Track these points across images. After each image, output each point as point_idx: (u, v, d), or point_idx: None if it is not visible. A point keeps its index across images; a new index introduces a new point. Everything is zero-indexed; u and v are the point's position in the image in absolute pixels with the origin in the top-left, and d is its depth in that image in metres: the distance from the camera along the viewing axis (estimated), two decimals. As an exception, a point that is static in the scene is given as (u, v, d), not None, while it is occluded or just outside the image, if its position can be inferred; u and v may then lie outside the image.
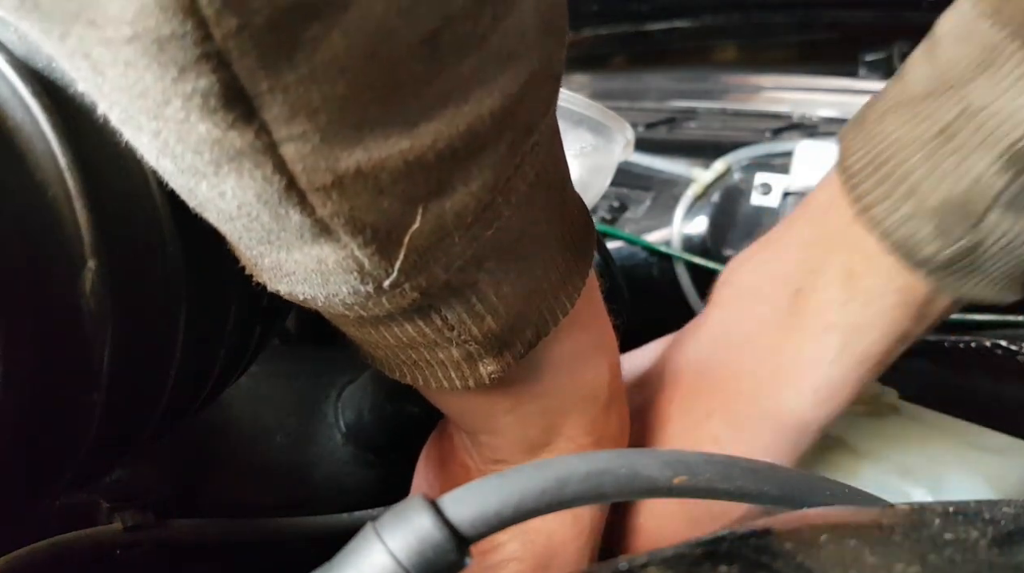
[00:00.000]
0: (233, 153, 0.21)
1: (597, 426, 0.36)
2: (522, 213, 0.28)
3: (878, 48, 0.79)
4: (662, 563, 0.21)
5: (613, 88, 0.97)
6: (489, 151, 0.25)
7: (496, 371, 0.31)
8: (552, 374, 0.34)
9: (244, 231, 0.24)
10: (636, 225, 0.73)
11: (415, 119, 0.23)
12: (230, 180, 0.22)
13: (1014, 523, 0.22)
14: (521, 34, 0.24)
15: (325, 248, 0.24)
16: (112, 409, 0.28)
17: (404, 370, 0.32)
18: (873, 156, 0.34)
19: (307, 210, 0.23)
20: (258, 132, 0.21)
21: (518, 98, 0.25)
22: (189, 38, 0.18)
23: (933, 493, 0.39)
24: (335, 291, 0.26)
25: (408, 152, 0.23)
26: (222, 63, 0.19)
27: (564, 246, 0.31)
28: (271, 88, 0.20)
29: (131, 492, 0.41)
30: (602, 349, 0.36)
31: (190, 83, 0.19)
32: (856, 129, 0.36)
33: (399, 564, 0.22)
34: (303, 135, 0.21)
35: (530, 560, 0.36)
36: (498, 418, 0.35)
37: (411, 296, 0.26)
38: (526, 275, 0.30)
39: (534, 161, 0.27)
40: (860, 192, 0.35)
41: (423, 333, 0.29)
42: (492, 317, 0.29)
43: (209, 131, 0.20)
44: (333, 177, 0.22)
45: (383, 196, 0.23)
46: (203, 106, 0.20)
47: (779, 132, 0.75)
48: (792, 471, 0.28)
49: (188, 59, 0.19)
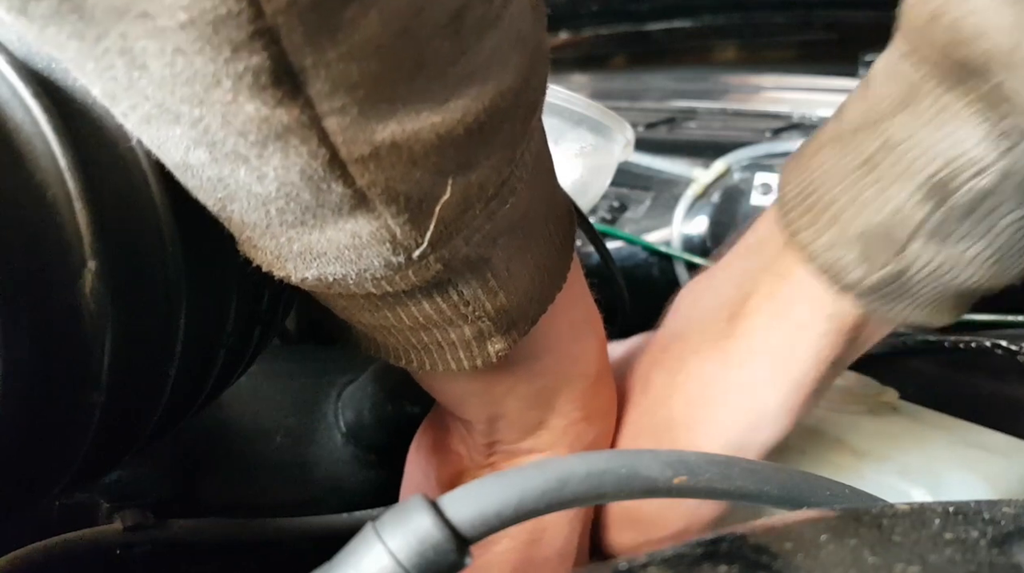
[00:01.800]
0: (281, 130, 0.22)
1: (588, 401, 0.38)
2: (528, 189, 0.29)
3: (878, 48, 0.78)
4: (662, 563, 0.21)
5: (613, 88, 0.97)
6: (508, 126, 0.27)
7: (503, 349, 0.32)
8: (547, 351, 0.35)
9: (277, 215, 0.25)
10: (636, 225, 0.73)
11: (445, 95, 0.24)
12: (274, 159, 0.23)
13: (1014, 523, 0.22)
14: (524, 15, 0.26)
15: (360, 221, 0.25)
16: (112, 409, 0.28)
17: (412, 355, 0.33)
18: (804, 186, 0.35)
19: (348, 181, 0.24)
20: (303, 107, 0.22)
21: (527, 76, 0.27)
22: (244, 15, 0.20)
23: (933, 493, 0.39)
24: (367, 266, 0.27)
25: (440, 126, 0.24)
26: (272, 39, 0.20)
27: (556, 223, 0.33)
28: (315, 63, 0.21)
29: (131, 492, 0.41)
30: (590, 324, 0.38)
31: (243, 62, 0.20)
32: (794, 163, 0.37)
33: (399, 564, 0.22)
34: (343, 108, 0.22)
35: (522, 535, 0.37)
36: (496, 399, 0.36)
37: (435, 268, 0.27)
38: (529, 251, 0.31)
39: (536, 138, 0.29)
40: (790, 219, 0.35)
41: (439, 309, 0.30)
42: (504, 292, 0.31)
43: (257, 110, 0.22)
44: (371, 148, 0.23)
45: (416, 167, 0.24)
46: (253, 84, 0.21)
47: (779, 132, 0.75)
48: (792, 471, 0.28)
49: (242, 37, 0.20)
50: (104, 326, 0.26)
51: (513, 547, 0.37)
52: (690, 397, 0.38)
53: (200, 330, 0.31)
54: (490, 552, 0.37)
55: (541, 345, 0.35)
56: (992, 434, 0.44)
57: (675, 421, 0.38)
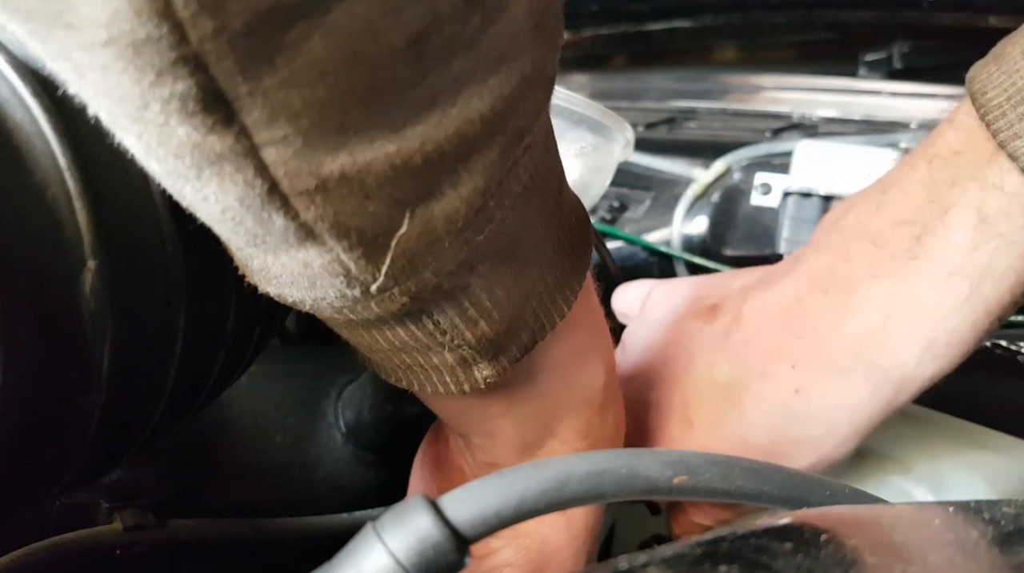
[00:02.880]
0: (214, 157, 0.21)
1: (592, 429, 0.36)
2: (516, 216, 0.27)
3: (878, 48, 0.79)
4: (662, 563, 0.21)
5: (613, 88, 0.97)
6: (479, 155, 0.24)
7: (491, 376, 0.30)
8: (547, 377, 0.34)
9: (231, 234, 0.24)
10: (636, 225, 0.73)
11: (401, 122, 0.22)
12: (212, 184, 0.22)
13: (1014, 523, 0.22)
14: (513, 37, 0.24)
15: (311, 252, 0.24)
16: (112, 409, 0.28)
17: (399, 374, 0.32)
18: (1017, 90, 0.32)
19: (290, 214, 0.22)
20: (238, 136, 0.20)
21: (510, 101, 0.24)
22: (164, 42, 0.18)
23: (935, 492, 0.39)
24: (322, 295, 0.25)
25: (394, 156, 0.22)
26: (199, 67, 0.19)
27: (560, 248, 0.31)
28: (251, 91, 0.20)
29: (131, 492, 0.41)
30: (598, 351, 0.36)
31: (167, 87, 0.19)
32: (994, 64, 0.34)
33: (399, 564, 0.22)
34: (284, 139, 0.21)
35: (524, 565, 0.36)
36: (492, 421, 0.34)
37: (400, 301, 0.26)
38: (521, 278, 0.30)
39: (527, 164, 0.27)
40: (999, 127, 0.33)
41: (415, 337, 0.29)
42: (486, 321, 0.29)
43: (189, 135, 0.20)
44: (316, 181, 0.22)
45: (369, 200, 0.23)
46: (181, 110, 0.20)
47: (779, 132, 0.75)
48: (792, 471, 0.28)
49: (164, 63, 0.19)
50: (104, 326, 0.26)
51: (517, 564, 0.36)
52: (869, 323, 0.36)
53: (200, 330, 0.31)
54: None
55: (538, 367, 0.33)
56: (992, 434, 0.44)
57: (849, 352, 0.36)
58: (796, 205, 0.65)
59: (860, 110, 0.77)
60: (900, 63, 0.77)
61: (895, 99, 0.76)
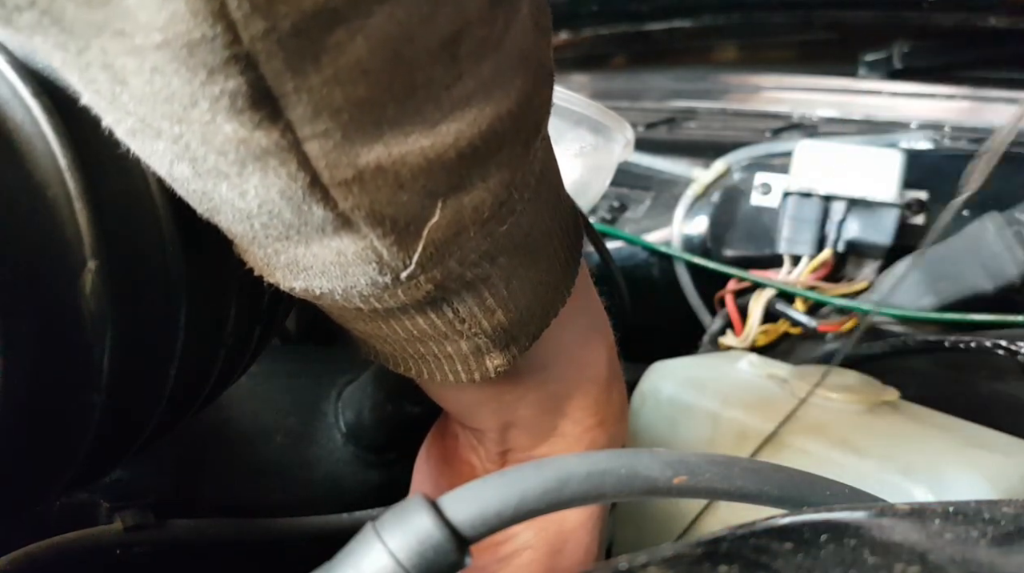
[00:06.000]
0: (259, 152, 0.22)
1: (600, 406, 0.37)
2: (532, 208, 0.29)
3: (878, 48, 0.79)
4: (662, 563, 0.21)
5: (613, 88, 0.97)
6: (507, 149, 0.26)
7: (502, 365, 0.32)
8: (555, 361, 0.35)
9: (261, 229, 0.25)
10: (636, 225, 0.73)
11: (436, 119, 0.24)
12: (254, 179, 0.23)
13: (1014, 523, 0.22)
14: (525, 35, 0.25)
15: (345, 240, 0.25)
16: (112, 409, 0.28)
17: (410, 364, 0.32)
18: None
19: (330, 204, 0.23)
20: (283, 131, 0.21)
21: (529, 97, 0.26)
22: (219, 41, 0.19)
23: (933, 492, 0.39)
24: (353, 283, 0.26)
25: (429, 150, 0.24)
26: (250, 65, 0.20)
27: (562, 236, 0.33)
28: (296, 89, 0.21)
29: (131, 492, 0.41)
30: (598, 330, 0.37)
31: (218, 85, 0.20)
32: None
33: (399, 564, 0.22)
34: (326, 133, 0.22)
35: (544, 547, 0.37)
36: (504, 409, 0.35)
37: (426, 288, 0.27)
38: (533, 269, 0.31)
39: (540, 157, 0.28)
40: None
41: (434, 325, 0.30)
42: (503, 310, 0.30)
43: (235, 131, 0.21)
44: (354, 172, 0.23)
45: (403, 190, 0.24)
46: (230, 107, 0.21)
47: (779, 132, 0.75)
48: (792, 471, 0.28)
49: (217, 61, 0.20)
50: (104, 326, 0.26)
51: (536, 558, 0.37)
52: None
53: (200, 330, 0.31)
54: (512, 564, 0.37)
55: (550, 353, 0.34)
56: (992, 434, 0.44)
57: None
58: (796, 205, 0.65)
59: (860, 110, 0.77)
60: (900, 63, 0.77)
61: (895, 99, 0.76)
